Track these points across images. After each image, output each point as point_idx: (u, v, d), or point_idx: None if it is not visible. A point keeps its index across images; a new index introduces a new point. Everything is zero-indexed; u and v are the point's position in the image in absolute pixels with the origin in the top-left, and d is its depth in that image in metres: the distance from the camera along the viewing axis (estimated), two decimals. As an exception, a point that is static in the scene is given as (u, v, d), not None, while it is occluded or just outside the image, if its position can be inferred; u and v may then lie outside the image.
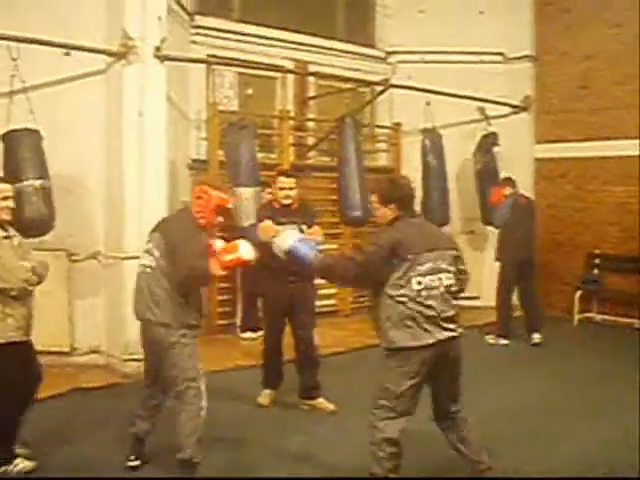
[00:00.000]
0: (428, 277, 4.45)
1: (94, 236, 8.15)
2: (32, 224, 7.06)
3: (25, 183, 7.04)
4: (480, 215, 11.31)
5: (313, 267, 4.81)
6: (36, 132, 7.23)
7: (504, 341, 9.66)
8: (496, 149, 11.31)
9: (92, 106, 7.98)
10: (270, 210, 6.77)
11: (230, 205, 5.35)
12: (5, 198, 5.15)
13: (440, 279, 4.49)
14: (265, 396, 7.02)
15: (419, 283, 4.42)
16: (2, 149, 7.25)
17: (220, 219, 5.26)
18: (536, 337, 9.57)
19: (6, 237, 5.10)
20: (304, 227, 6.56)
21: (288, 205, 6.72)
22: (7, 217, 5.15)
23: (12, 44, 6.99)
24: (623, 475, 5.24)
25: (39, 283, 5.22)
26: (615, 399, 7.03)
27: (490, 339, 9.73)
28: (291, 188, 6.72)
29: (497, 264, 9.83)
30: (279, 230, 6.01)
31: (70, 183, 7.91)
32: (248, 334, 9.52)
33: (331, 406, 6.82)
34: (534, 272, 9.79)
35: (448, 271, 4.56)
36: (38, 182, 7.14)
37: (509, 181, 10.07)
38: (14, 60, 6.96)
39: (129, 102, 7.85)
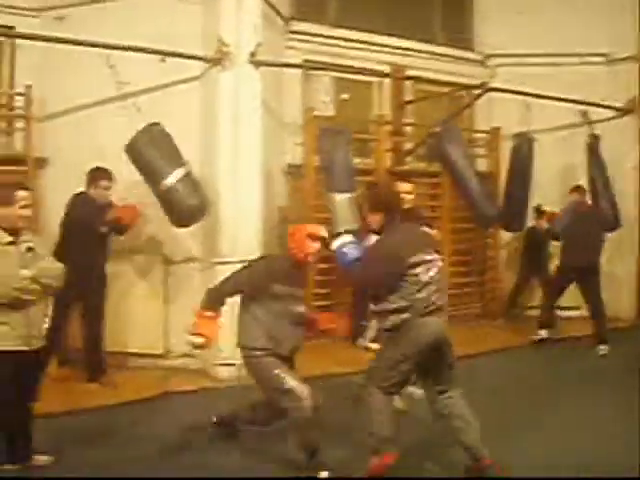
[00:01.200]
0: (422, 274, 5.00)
1: (190, 241, 8.21)
2: (189, 215, 7.45)
3: (169, 179, 7.20)
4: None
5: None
6: (156, 125, 7.33)
7: (543, 332, 9.89)
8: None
9: (188, 112, 8.06)
10: None
11: (324, 233, 5.46)
12: (24, 206, 5.03)
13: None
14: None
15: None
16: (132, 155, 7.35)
17: (316, 245, 5.41)
18: (602, 349, 9.37)
19: (11, 243, 4.95)
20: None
21: (408, 209, 6.82)
22: (23, 224, 5.05)
23: (110, 52, 7.11)
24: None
25: (48, 292, 5.10)
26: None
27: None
28: (409, 193, 7.08)
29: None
30: None
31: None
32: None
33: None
34: (597, 281, 9.56)
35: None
36: (180, 172, 7.28)
37: (578, 189, 10.05)
38: (111, 67, 7.08)
39: (224, 108, 7.92)
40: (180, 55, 7.70)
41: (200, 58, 7.93)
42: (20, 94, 8.22)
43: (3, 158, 8.04)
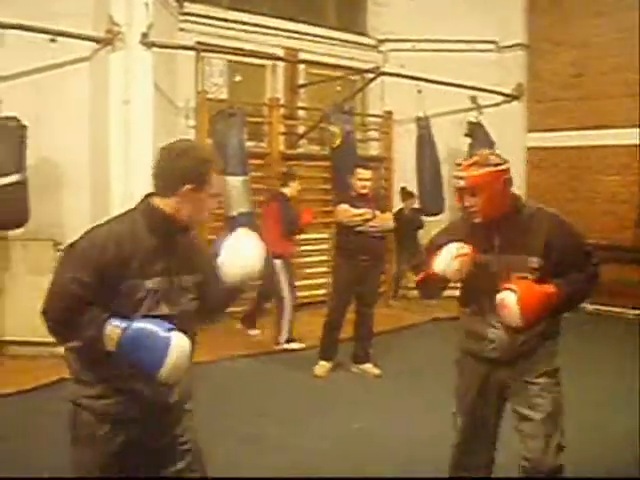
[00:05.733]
0: None
1: (81, 225, 7.95)
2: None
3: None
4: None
5: None
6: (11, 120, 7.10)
7: None
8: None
9: (77, 94, 7.85)
10: (349, 197, 7.54)
11: None
12: None
13: None
14: (321, 367, 7.63)
15: None
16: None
17: None
18: None
19: None
20: (378, 212, 7.44)
21: (364, 194, 7.41)
22: None
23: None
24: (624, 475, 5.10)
25: None
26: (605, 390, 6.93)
27: None
28: (367, 179, 7.45)
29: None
30: (355, 212, 7.31)
31: (56, 171, 7.83)
32: (256, 331, 9.06)
33: (377, 371, 7.59)
34: None
35: None
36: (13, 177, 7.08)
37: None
38: (-2, 47, 6.85)
39: (115, 90, 7.75)
40: (70, 35, 7.47)
41: (90, 38, 7.73)
42: None
43: None
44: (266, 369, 7.83)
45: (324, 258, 10.45)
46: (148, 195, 2.99)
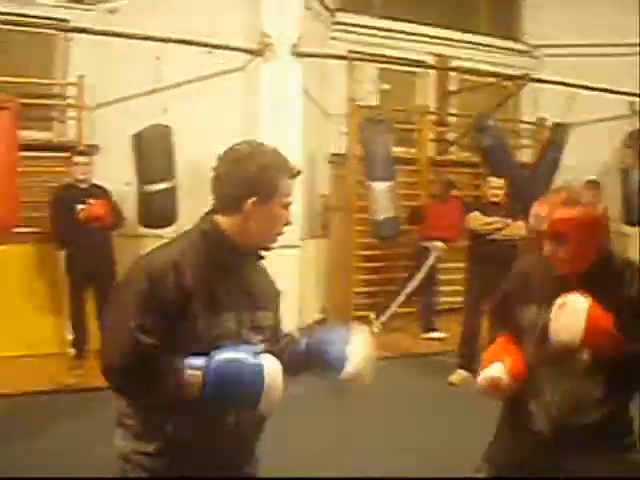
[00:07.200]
0: None
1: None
2: (159, 223, 7.70)
3: (155, 185, 7.62)
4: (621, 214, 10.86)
5: None
6: (165, 129, 7.62)
7: None
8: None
9: (231, 103, 8.25)
10: (481, 205, 7.71)
11: None
12: None
13: None
14: (458, 375, 7.54)
15: None
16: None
17: None
18: None
19: None
20: (509, 221, 7.38)
21: (496, 202, 7.49)
22: None
23: (155, 44, 7.37)
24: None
25: None
26: None
27: None
28: (499, 188, 7.50)
29: None
30: (486, 220, 7.33)
31: (207, 178, 8.23)
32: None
33: None
34: None
35: None
36: (166, 184, 7.66)
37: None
38: (157, 59, 7.32)
39: (267, 98, 8.14)
40: (223, 47, 7.92)
41: (243, 50, 8.14)
42: (72, 84, 8.44)
43: (57, 145, 8.32)
44: (401, 373, 7.81)
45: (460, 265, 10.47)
46: (209, 212, 2.56)
